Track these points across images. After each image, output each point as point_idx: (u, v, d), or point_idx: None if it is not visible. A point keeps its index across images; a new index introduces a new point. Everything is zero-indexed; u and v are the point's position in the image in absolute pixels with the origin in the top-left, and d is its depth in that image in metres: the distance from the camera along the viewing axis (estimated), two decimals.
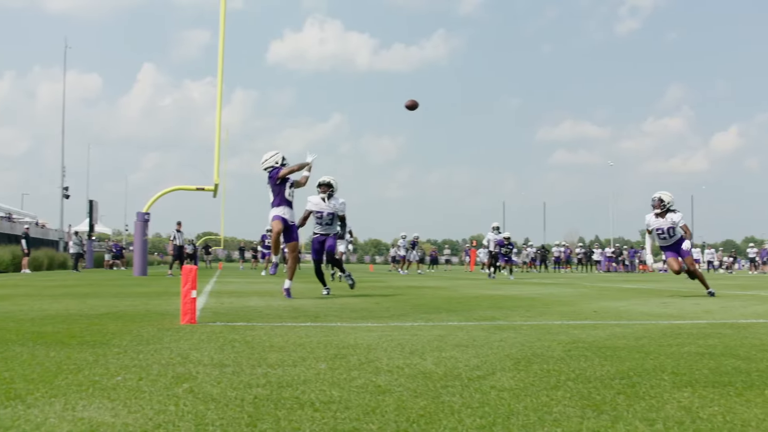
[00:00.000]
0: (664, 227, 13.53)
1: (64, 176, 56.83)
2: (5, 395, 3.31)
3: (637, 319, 7.89)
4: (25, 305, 9.34)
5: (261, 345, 5.17)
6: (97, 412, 3.00)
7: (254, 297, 11.46)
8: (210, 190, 28.31)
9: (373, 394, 3.40)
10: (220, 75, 26.62)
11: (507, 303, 10.47)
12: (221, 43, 26.53)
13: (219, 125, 26.73)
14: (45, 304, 9.64)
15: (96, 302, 10.04)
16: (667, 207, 13.51)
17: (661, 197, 13.58)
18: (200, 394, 3.37)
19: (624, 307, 9.87)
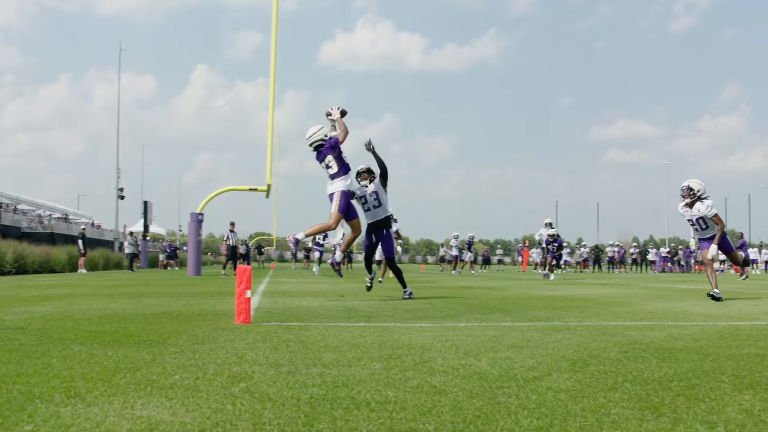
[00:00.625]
0: (693, 218, 12.52)
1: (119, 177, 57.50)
2: (65, 393, 3.36)
3: (695, 320, 7.78)
4: (83, 305, 9.48)
5: (315, 345, 5.19)
6: (156, 410, 3.03)
7: (307, 297, 11.51)
8: (262, 191, 28.48)
9: (429, 394, 3.39)
10: (272, 76, 26.77)
11: (561, 303, 10.38)
12: (273, 44, 26.68)
13: (271, 126, 26.88)
14: (102, 303, 9.77)
15: (151, 302, 10.16)
16: (697, 196, 12.39)
17: (690, 185, 12.49)
18: (257, 393, 3.39)
19: (681, 307, 9.74)
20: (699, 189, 12.35)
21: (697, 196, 12.35)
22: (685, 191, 12.46)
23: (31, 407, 3.07)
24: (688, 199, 12.43)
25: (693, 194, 12.36)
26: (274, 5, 26.49)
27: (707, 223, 12.31)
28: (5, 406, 3.09)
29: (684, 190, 12.48)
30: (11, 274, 28.84)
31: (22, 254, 32.07)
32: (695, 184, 12.41)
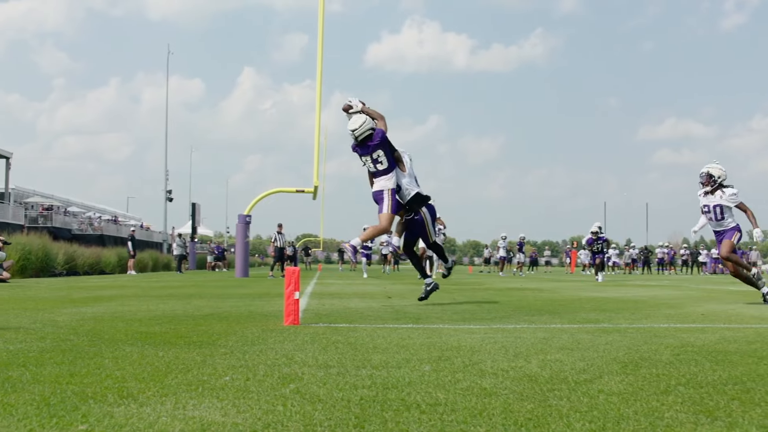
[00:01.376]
0: (710, 205, 11.40)
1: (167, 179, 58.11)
2: (118, 394, 3.39)
3: (748, 322, 7.66)
4: (133, 306, 9.58)
5: (364, 346, 5.19)
6: (207, 411, 3.05)
7: (355, 298, 11.53)
8: (309, 192, 28.57)
9: (479, 396, 3.38)
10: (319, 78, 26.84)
11: (610, 305, 10.29)
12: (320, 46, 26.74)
13: (318, 128, 26.96)
14: (152, 304, 9.87)
15: (200, 303, 10.24)
16: (718, 183, 11.36)
17: (710, 171, 11.44)
18: (307, 394, 3.39)
19: (733, 309, 9.59)
20: (720, 175, 11.40)
21: (719, 183, 11.39)
22: (704, 178, 11.50)
23: (85, 407, 3.10)
24: (708, 187, 11.46)
25: (713, 181, 11.41)
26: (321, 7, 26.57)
27: (725, 213, 11.34)
28: (59, 405, 3.12)
29: (703, 176, 11.52)
30: (62, 275, 29.25)
31: (72, 256, 32.54)
32: (715, 170, 11.45)
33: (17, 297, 11.91)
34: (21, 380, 3.72)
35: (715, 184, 11.37)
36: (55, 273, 29.34)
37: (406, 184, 9.93)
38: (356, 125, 9.73)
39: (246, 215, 29.84)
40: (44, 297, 11.97)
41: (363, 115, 9.84)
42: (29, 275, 26.59)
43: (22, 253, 26.49)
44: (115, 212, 75.85)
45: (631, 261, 51.90)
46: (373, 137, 9.70)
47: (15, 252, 25.23)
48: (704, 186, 11.48)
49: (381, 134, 9.71)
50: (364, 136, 9.71)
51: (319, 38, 26.78)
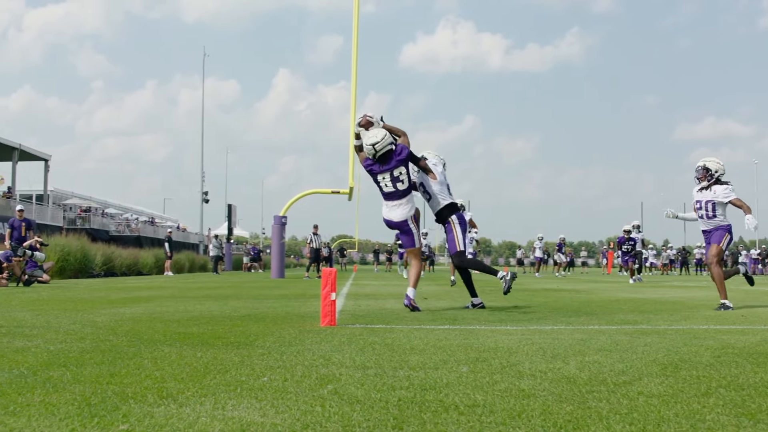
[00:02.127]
0: (703, 201, 10.43)
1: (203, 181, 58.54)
2: (158, 394, 3.41)
3: None
4: (171, 307, 9.65)
5: (401, 347, 5.19)
6: (246, 411, 3.06)
7: (390, 299, 11.53)
8: (345, 194, 28.61)
9: (518, 398, 3.36)
10: (353, 79, 26.85)
11: (649, 306, 10.20)
12: (354, 48, 26.76)
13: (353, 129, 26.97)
14: (189, 305, 9.94)
15: (237, 304, 10.30)
16: (716, 177, 10.40)
17: (707, 165, 10.50)
18: (345, 395, 3.40)
19: None
20: (717, 169, 10.47)
21: (716, 178, 10.44)
22: (700, 172, 10.58)
23: (126, 407, 3.12)
24: (705, 182, 10.48)
25: (710, 175, 10.46)
26: (355, 8, 26.59)
27: (717, 210, 10.37)
28: (100, 405, 3.15)
29: (699, 170, 10.60)
30: (100, 276, 29.54)
31: (110, 257, 32.86)
32: (712, 164, 10.52)
33: (57, 298, 12.04)
34: (62, 380, 3.76)
35: (711, 179, 10.46)
36: (93, 274, 29.63)
37: (437, 192, 9.28)
38: (377, 138, 8.85)
39: (282, 216, 29.96)
40: (83, 298, 12.09)
41: (383, 130, 9.01)
42: (68, 276, 26.87)
43: (61, 254, 26.78)
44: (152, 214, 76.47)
45: (669, 262, 51.52)
46: (395, 152, 8.89)
47: (54, 253, 25.51)
48: (700, 181, 10.59)
49: (406, 149, 8.96)
50: (384, 151, 8.83)
51: (353, 39, 26.81)
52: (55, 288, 16.92)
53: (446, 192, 9.38)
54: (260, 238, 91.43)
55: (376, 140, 8.82)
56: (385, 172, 8.88)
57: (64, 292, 14.39)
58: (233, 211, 58.83)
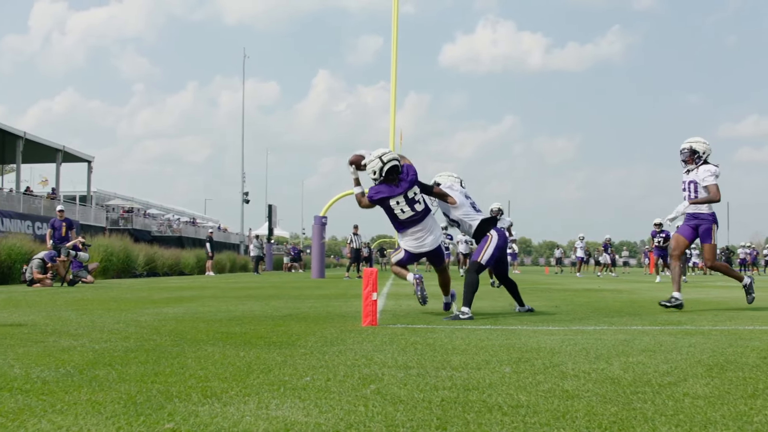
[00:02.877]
0: (686, 183, 9.70)
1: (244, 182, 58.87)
2: (202, 393, 3.44)
3: None
4: (213, 306, 9.72)
5: (443, 347, 5.18)
6: (290, 411, 3.07)
7: (432, 299, 11.50)
8: None
9: (561, 398, 3.34)
10: (393, 79, 26.90)
11: (692, 306, 10.08)
12: (394, 48, 26.80)
13: (393, 129, 27.02)
14: (231, 305, 10.00)
15: (278, 304, 10.34)
16: (703, 159, 9.59)
17: (693, 146, 9.63)
18: (388, 395, 3.40)
19: None
20: (705, 150, 9.63)
21: (704, 160, 9.61)
22: (686, 155, 9.71)
23: (171, 406, 3.15)
24: (692, 165, 9.66)
25: (697, 157, 9.62)
26: (394, 8, 26.62)
27: (698, 191, 9.61)
28: (146, 404, 3.18)
29: (685, 153, 9.72)
30: (143, 276, 29.80)
31: (153, 257, 33.15)
32: (699, 145, 9.64)
33: (101, 298, 12.17)
34: (108, 379, 3.81)
35: (700, 161, 9.62)
36: (135, 274, 29.90)
37: (462, 215, 8.55)
38: (383, 149, 8.14)
39: (322, 216, 30.03)
40: (126, 298, 12.21)
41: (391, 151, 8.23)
42: (111, 276, 27.14)
43: (104, 254, 27.06)
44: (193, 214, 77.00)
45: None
46: (402, 172, 8.11)
47: (97, 253, 25.78)
48: (687, 164, 9.76)
49: (413, 169, 8.23)
50: (390, 165, 8.00)
51: (393, 40, 26.83)
52: (98, 288, 17.11)
53: (472, 210, 8.64)
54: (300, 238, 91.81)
55: (383, 151, 8.09)
56: (397, 196, 8.03)
57: (107, 292, 14.54)
58: (274, 212, 59.09)
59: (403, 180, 8.07)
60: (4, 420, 2.91)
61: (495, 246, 8.42)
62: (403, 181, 8.06)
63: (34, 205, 37.64)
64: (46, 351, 4.99)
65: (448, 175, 9.10)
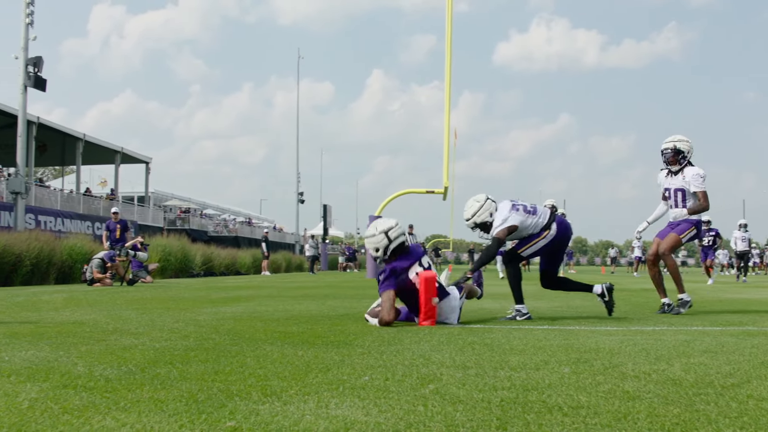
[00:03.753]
0: (672, 188, 8.97)
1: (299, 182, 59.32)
2: (262, 392, 3.46)
3: None
4: (270, 306, 9.79)
5: (500, 347, 5.15)
6: (350, 410, 3.08)
7: (487, 299, 11.47)
8: (439, 193, 28.61)
9: (622, 400, 3.31)
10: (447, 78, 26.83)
11: (754, 307, 9.93)
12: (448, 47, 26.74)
13: (447, 128, 26.97)
14: (287, 305, 10.06)
15: (335, 303, 10.38)
16: (687, 159, 8.86)
17: (677, 146, 8.83)
18: (447, 395, 3.39)
19: None
20: (688, 149, 8.87)
21: (687, 160, 8.88)
22: (669, 155, 8.91)
23: (232, 404, 3.18)
24: (675, 166, 8.91)
25: (682, 158, 8.87)
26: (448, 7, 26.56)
27: (687, 199, 8.90)
28: (207, 402, 3.22)
29: (668, 153, 8.91)
30: (200, 276, 30.12)
31: (210, 257, 33.51)
32: (683, 144, 8.85)
33: (159, 297, 12.33)
34: (169, 377, 3.85)
35: (683, 162, 8.89)
36: (193, 274, 30.24)
37: (531, 232, 7.95)
38: (387, 225, 7.49)
39: (377, 216, 30.08)
40: (184, 297, 12.35)
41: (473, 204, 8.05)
42: (169, 276, 27.48)
43: (162, 254, 27.43)
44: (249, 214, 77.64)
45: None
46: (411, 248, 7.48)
47: (155, 253, 26.13)
48: (669, 165, 8.98)
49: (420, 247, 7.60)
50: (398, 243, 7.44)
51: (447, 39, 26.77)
52: (157, 287, 17.32)
53: (531, 219, 7.92)
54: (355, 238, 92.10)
55: (389, 224, 7.48)
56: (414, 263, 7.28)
57: (165, 292, 14.73)
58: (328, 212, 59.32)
59: (414, 252, 7.37)
60: (70, 417, 2.96)
61: (548, 241, 7.91)
62: (412, 253, 7.33)
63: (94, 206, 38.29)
64: (108, 349, 5.07)
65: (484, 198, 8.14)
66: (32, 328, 6.59)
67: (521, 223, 7.82)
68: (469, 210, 8.15)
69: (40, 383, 3.68)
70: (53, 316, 8.03)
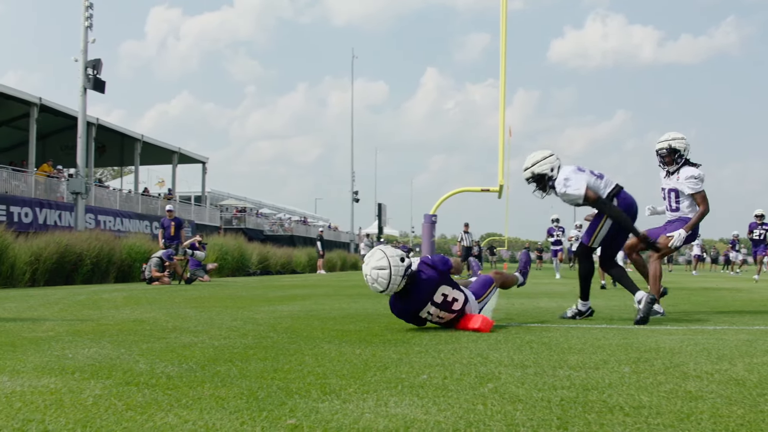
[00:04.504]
0: (666, 188, 8.47)
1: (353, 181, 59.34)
2: (321, 390, 3.48)
3: None
4: (326, 305, 9.82)
5: (559, 346, 5.12)
6: (409, 409, 3.08)
7: (544, 298, 11.40)
8: (495, 191, 28.45)
9: (684, 400, 3.26)
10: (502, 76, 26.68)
11: None
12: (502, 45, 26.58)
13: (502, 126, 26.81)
14: (344, 303, 10.09)
15: None
16: (685, 158, 8.30)
17: (673, 145, 8.28)
18: (506, 394, 3.38)
19: None
20: (685, 147, 8.31)
21: (685, 159, 8.32)
22: (665, 154, 8.37)
23: (291, 402, 3.20)
24: (673, 166, 8.36)
25: (678, 157, 8.31)
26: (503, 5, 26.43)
27: (680, 200, 8.36)
28: (267, 400, 3.24)
29: (663, 153, 8.38)
30: (256, 274, 30.33)
31: (266, 256, 33.73)
32: (679, 142, 8.29)
33: (217, 295, 12.44)
34: (229, 375, 3.89)
35: (681, 161, 8.32)
36: (249, 272, 30.47)
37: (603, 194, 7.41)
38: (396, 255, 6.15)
39: (432, 215, 30.03)
40: (242, 295, 12.45)
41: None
42: (225, 275, 27.72)
43: (219, 253, 27.68)
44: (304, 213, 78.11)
45: None
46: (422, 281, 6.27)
47: (213, 252, 26.37)
48: (667, 165, 8.43)
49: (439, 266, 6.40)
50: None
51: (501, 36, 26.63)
52: (214, 286, 17.49)
53: (600, 182, 7.43)
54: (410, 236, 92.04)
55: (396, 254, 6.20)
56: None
57: (223, 290, 14.86)
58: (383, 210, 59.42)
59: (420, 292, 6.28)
60: (134, 413, 3.01)
61: (612, 223, 7.39)
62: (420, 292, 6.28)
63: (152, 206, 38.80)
64: (168, 347, 5.13)
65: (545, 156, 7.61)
66: (94, 326, 6.70)
67: (590, 183, 7.31)
68: (531, 158, 7.66)
69: (104, 380, 3.74)
70: (114, 314, 8.15)
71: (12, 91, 29.64)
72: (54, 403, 3.19)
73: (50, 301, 10.56)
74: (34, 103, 30.23)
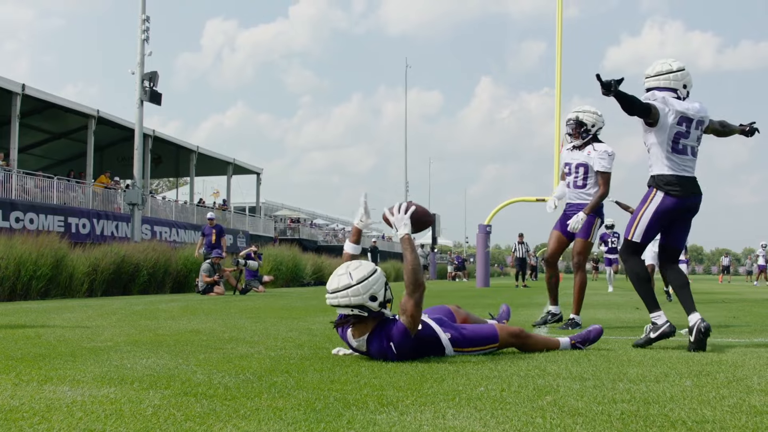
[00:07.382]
0: (573, 164, 7.94)
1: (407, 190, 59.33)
2: (378, 401, 3.47)
3: None
4: None
5: (618, 359, 5.05)
6: (467, 421, 3.06)
7: (601, 309, 11.28)
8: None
9: (749, 414, 3.19)
10: (557, 85, 26.56)
11: None
12: (558, 53, 26.48)
13: (558, 135, 26.65)
14: None
15: None
16: (592, 133, 7.87)
17: (580, 117, 7.85)
18: (565, 407, 3.33)
19: None
20: (594, 123, 7.85)
21: (592, 134, 7.86)
22: (572, 127, 7.90)
23: (349, 413, 3.19)
24: (578, 140, 7.87)
25: (586, 131, 7.84)
26: (558, 13, 26.31)
27: (588, 178, 7.86)
28: (325, 411, 3.24)
29: (570, 124, 7.92)
30: (310, 285, 30.44)
31: (320, 266, 33.82)
32: (588, 116, 7.85)
33: (272, 306, 12.50)
34: (286, 386, 3.89)
35: (587, 136, 7.86)
36: (303, 283, 30.59)
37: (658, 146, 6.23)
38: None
39: (486, 225, 29.97)
40: (297, 306, 12.48)
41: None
42: (280, 285, 27.85)
43: (273, 263, 27.84)
44: None
45: None
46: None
47: (267, 263, 26.55)
48: (572, 139, 7.93)
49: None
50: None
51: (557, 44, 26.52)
52: (269, 296, 17.58)
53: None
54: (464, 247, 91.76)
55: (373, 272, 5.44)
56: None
57: (278, 301, 14.92)
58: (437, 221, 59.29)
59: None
60: (192, 424, 3.02)
61: (655, 208, 5.99)
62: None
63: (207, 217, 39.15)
64: (225, 357, 5.16)
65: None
66: (152, 336, 6.76)
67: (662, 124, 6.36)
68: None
69: (162, 390, 3.77)
70: (171, 324, 8.22)
71: (70, 104, 30.14)
72: (114, 413, 3.22)
73: (108, 311, 10.68)
74: (91, 116, 30.69)
